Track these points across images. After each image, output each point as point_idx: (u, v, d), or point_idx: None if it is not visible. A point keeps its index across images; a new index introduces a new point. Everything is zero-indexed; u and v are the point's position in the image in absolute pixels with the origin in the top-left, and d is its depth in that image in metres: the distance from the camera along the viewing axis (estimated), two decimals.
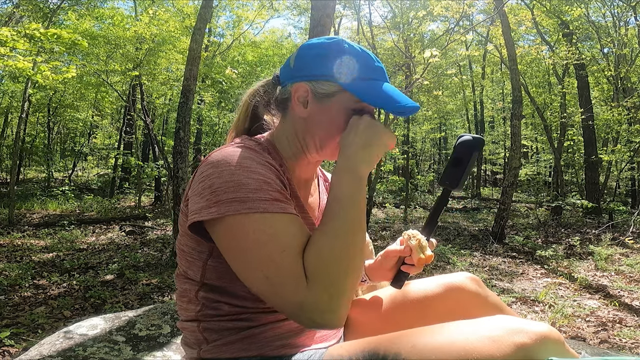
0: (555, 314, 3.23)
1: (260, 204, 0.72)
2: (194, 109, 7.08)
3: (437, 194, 15.82)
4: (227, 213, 0.72)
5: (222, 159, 0.76)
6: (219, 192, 0.73)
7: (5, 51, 5.00)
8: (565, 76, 11.14)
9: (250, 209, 0.72)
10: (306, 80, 0.85)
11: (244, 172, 0.74)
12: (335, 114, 0.84)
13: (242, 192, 0.72)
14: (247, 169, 0.75)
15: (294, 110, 0.87)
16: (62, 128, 17.71)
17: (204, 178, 0.76)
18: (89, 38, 8.99)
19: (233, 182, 0.73)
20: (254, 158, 0.78)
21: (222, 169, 0.75)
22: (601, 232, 6.94)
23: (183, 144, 4.76)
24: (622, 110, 8.82)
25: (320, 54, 0.85)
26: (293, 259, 0.71)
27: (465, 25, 10.00)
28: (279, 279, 0.70)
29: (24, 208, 9.02)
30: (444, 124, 19.27)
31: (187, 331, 0.89)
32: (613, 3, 9.85)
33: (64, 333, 1.57)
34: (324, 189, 1.07)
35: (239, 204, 0.72)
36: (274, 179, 0.77)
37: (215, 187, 0.74)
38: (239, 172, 0.74)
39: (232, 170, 0.74)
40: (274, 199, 0.74)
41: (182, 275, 0.90)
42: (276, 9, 13.75)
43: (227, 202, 0.72)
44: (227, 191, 0.73)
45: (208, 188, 0.74)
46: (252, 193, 0.73)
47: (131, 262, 4.83)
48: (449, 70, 10.76)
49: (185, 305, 0.89)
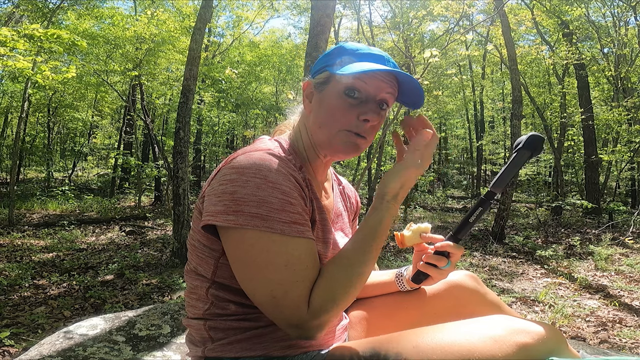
0: (555, 314, 3.23)
1: (280, 225, 0.74)
2: (194, 109, 7.08)
3: (437, 194, 15.80)
4: (246, 226, 0.73)
5: (250, 167, 0.76)
6: (241, 203, 0.74)
7: (5, 51, 5.00)
8: (565, 76, 11.14)
9: (270, 228, 0.73)
10: (310, 78, 0.92)
11: (270, 189, 0.75)
12: (329, 98, 0.86)
13: (264, 209, 0.73)
14: (273, 185, 0.75)
15: (305, 108, 0.92)
16: (62, 128, 17.71)
17: (226, 182, 0.76)
18: (89, 38, 9.00)
19: (257, 197, 0.74)
20: (281, 171, 0.78)
21: (247, 178, 0.75)
22: (601, 232, 6.94)
23: (183, 144, 4.76)
24: (622, 110, 8.82)
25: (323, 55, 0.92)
26: (302, 285, 0.74)
27: (465, 25, 10.00)
28: (284, 302, 0.74)
29: (24, 208, 9.02)
30: (444, 124, 19.28)
31: (193, 329, 0.89)
32: (613, 3, 9.86)
33: (64, 333, 1.57)
34: (337, 192, 1.07)
35: (260, 220, 0.73)
36: (296, 197, 0.78)
37: (238, 196, 0.74)
38: (265, 187, 0.74)
39: (259, 184, 0.74)
40: (293, 221, 0.75)
41: (193, 271, 0.89)
42: (276, 9, 13.75)
43: (248, 216, 0.73)
44: (249, 204, 0.73)
45: (230, 194, 0.75)
46: (274, 213, 0.74)
47: (131, 262, 4.83)
48: (449, 70, 10.77)
49: (194, 302, 0.89)
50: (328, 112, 0.85)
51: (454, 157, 21.85)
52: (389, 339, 0.74)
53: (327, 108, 0.86)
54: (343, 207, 1.06)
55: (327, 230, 0.89)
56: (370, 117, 0.84)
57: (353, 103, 0.84)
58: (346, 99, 0.84)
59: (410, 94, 0.89)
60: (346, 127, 0.85)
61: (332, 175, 1.07)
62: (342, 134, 0.85)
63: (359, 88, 0.84)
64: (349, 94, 0.84)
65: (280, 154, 0.82)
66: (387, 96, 0.87)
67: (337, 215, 1.01)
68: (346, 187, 1.12)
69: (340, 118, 0.84)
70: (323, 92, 0.87)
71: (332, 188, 1.04)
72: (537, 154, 0.94)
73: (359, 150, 0.87)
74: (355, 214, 1.13)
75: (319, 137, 0.88)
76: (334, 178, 1.09)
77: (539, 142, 0.92)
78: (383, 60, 0.87)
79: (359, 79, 0.83)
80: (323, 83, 0.88)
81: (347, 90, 0.84)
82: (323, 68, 0.88)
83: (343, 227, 1.02)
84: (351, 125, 0.84)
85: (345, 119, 0.84)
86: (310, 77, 0.92)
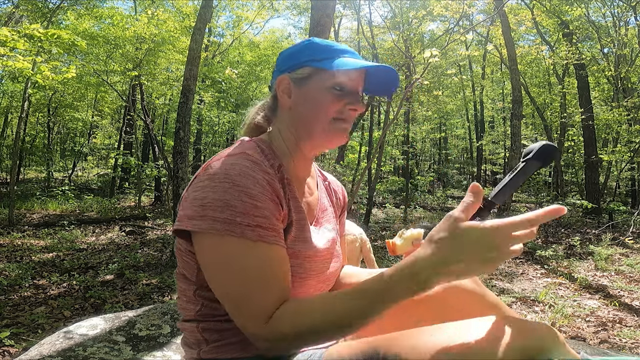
0: (555, 314, 3.23)
1: (242, 228, 0.74)
2: (194, 109, 7.08)
3: (437, 194, 15.78)
4: (208, 230, 0.74)
5: (221, 172, 0.77)
6: (207, 208, 0.75)
7: (5, 51, 5.00)
8: (565, 76, 11.15)
9: (230, 231, 0.74)
10: (286, 73, 0.92)
11: (236, 192, 0.75)
12: (315, 93, 0.89)
13: (227, 213, 0.74)
14: (241, 189, 0.76)
15: (282, 104, 0.94)
16: (62, 128, 17.72)
17: (199, 188, 0.78)
18: (89, 38, 9.00)
19: (223, 201, 0.75)
20: (250, 174, 0.78)
21: (216, 183, 0.76)
22: (601, 232, 6.94)
23: (183, 144, 4.76)
24: (622, 110, 8.83)
25: (293, 51, 0.94)
26: (260, 292, 0.74)
27: (465, 25, 10.00)
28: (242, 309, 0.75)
29: (24, 208, 9.02)
30: (444, 124, 19.28)
31: (187, 331, 0.89)
32: (613, 3, 9.86)
33: (64, 333, 1.57)
34: (323, 188, 1.07)
35: (222, 224, 0.74)
36: (265, 201, 0.77)
37: (206, 202, 0.76)
38: (232, 191, 0.75)
39: (226, 188, 0.75)
40: (257, 225, 0.75)
41: (181, 274, 0.90)
42: (276, 9, 13.76)
43: (211, 220, 0.74)
44: (215, 209, 0.74)
45: (200, 200, 0.76)
46: (237, 216, 0.74)
47: (131, 262, 4.83)
48: (449, 70, 10.76)
49: (184, 304, 0.90)
50: (316, 105, 0.89)
51: (454, 157, 21.85)
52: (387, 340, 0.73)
53: (314, 102, 0.89)
54: (329, 203, 1.06)
55: (305, 229, 0.89)
56: (357, 107, 0.90)
57: (339, 95, 0.89)
58: (334, 92, 0.88)
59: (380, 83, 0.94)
60: (336, 115, 0.89)
61: (316, 172, 1.08)
62: (333, 122, 0.89)
63: (345, 82, 0.89)
64: (337, 88, 0.88)
65: (255, 156, 0.83)
66: (361, 88, 0.93)
67: (322, 210, 1.01)
68: (332, 182, 1.13)
69: (331, 108, 0.88)
70: (306, 88, 0.89)
71: (317, 184, 1.05)
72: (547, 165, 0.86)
73: (346, 134, 0.93)
74: (342, 209, 1.14)
75: (309, 130, 0.90)
76: (319, 174, 1.10)
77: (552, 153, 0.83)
78: (358, 56, 0.92)
79: (346, 74, 0.88)
80: (305, 78, 0.90)
81: (336, 85, 0.88)
82: (303, 63, 0.90)
83: (329, 221, 1.02)
84: (339, 112, 0.89)
85: (335, 108, 0.88)
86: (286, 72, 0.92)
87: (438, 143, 21.14)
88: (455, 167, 20.75)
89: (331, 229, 1.02)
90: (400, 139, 13.89)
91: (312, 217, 0.97)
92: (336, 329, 0.74)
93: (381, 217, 9.67)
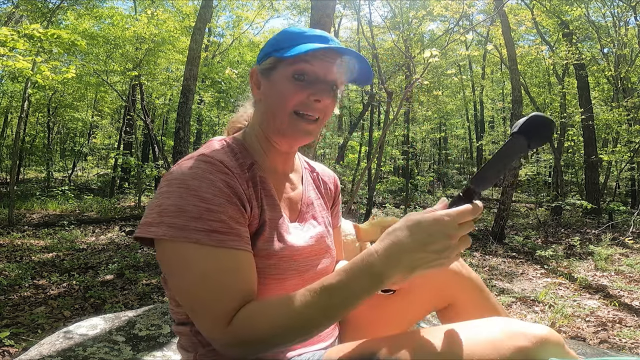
0: (555, 314, 3.23)
1: (196, 234, 0.72)
2: (193, 109, 7.08)
3: (437, 194, 15.79)
4: (163, 236, 0.73)
5: (176, 177, 0.76)
6: (163, 214, 0.74)
7: (5, 51, 5.00)
8: (565, 76, 11.15)
9: (185, 237, 0.72)
10: (257, 65, 0.90)
11: (190, 197, 0.73)
12: (278, 82, 0.84)
13: (182, 219, 0.72)
14: (195, 193, 0.74)
15: (253, 98, 0.92)
16: (62, 128, 17.71)
17: (158, 194, 0.77)
18: (88, 38, 9.01)
19: (177, 206, 0.73)
20: (206, 177, 0.75)
21: (172, 189, 0.75)
22: (601, 232, 6.94)
23: (183, 144, 4.76)
24: (622, 111, 8.82)
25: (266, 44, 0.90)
26: (219, 297, 0.72)
27: (465, 25, 10.00)
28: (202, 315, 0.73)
29: (23, 208, 9.02)
30: (444, 124, 19.26)
31: (182, 335, 0.88)
32: (613, 3, 9.86)
33: (64, 333, 1.57)
34: (309, 179, 1.03)
35: (177, 230, 0.72)
36: (222, 204, 0.75)
37: (162, 207, 0.74)
38: (186, 196, 0.73)
39: (180, 193, 0.74)
40: (213, 230, 0.73)
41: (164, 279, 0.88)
42: (276, 9, 13.76)
43: (167, 226, 0.73)
44: (170, 214, 0.73)
45: (157, 206, 0.75)
46: (191, 222, 0.72)
47: (131, 262, 4.83)
48: (448, 70, 10.76)
49: (175, 308, 0.88)
50: (278, 96, 0.84)
51: (454, 157, 21.84)
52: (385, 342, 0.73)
53: (277, 93, 0.84)
54: (316, 195, 1.02)
55: (281, 228, 0.86)
56: (321, 97, 0.83)
57: (303, 85, 0.83)
58: (295, 82, 0.82)
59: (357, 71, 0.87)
60: (297, 107, 0.83)
61: (302, 164, 1.04)
62: (293, 119, 0.84)
63: (306, 70, 0.83)
64: (296, 76, 0.82)
65: (214, 157, 0.79)
66: (336, 77, 0.85)
67: (307, 204, 0.97)
68: (320, 173, 1.08)
69: (290, 99, 0.83)
70: (270, 78, 0.85)
71: (302, 178, 1.01)
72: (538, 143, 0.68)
73: (311, 135, 0.86)
74: (333, 199, 1.09)
75: (271, 124, 0.87)
76: (305, 166, 1.05)
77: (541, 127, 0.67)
78: (326, 40, 0.85)
79: (306, 60, 0.82)
80: (270, 69, 0.86)
81: (295, 73, 0.82)
82: (268, 54, 0.86)
83: (315, 216, 0.98)
84: (302, 104, 0.83)
85: (295, 100, 0.83)
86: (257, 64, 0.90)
87: (438, 143, 21.13)
88: (455, 167, 20.73)
89: (318, 223, 0.97)
90: (400, 139, 13.88)
91: (295, 213, 0.94)
92: (299, 328, 0.70)
93: (381, 217, 9.65)
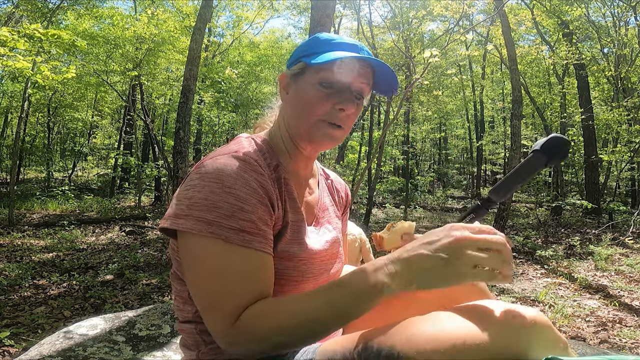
0: (555, 314, 3.23)
1: (226, 231, 0.72)
2: (194, 109, 7.08)
3: (437, 194, 15.78)
4: (192, 230, 0.73)
5: (211, 172, 0.76)
6: (193, 207, 0.74)
7: (5, 51, 5.00)
8: (565, 76, 11.15)
9: (213, 233, 0.72)
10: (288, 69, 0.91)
11: (223, 194, 0.74)
12: (305, 88, 0.86)
13: (212, 214, 0.73)
14: (229, 190, 0.74)
15: (282, 101, 0.92)
16: (62, 128, 17.72)
17: (189, 187, 0.77)
18: (88, 38, 9.01)
19: (209, 201, 0.73)
20: (241, 175, 0.76)
21: (205, 183, 0.75)
22: (601, 232, 6.94)
23: (183, 144, 4.76)
24: (622, 111, 8.83)
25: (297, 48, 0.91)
26: (235, 293, 0.73)
27: (465, 25, 10.00)
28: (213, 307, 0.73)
29: (24, 208, 9.02)
30: (444, 124, 19.28)
31: (185, 333, 0.88)
32: (613, 3, 9.86)
33: (64, 333, 1.57)
34: (324, 186, 1.06)
35: (206, 225, 0.72)
36: (254, 204, 0.76)
37: (193, 201, 0.74)
38: (219, 192, 0.74)
39: (213, 188, 0.74)
40: (242, 229, 0.73)
41: (175, 274, 0.89)
42: (276, 9, 13.77)
43: (195, 220, 0.73)
44: (201, 209, 0.73)
45: (187, 199, 0.75)
46: (222, 218, 0.72)
47: (131, 262, 4.83)
48: (449, 70, 10.76)
49: (181, 306, 0.88)
50: (304, 102, 0.85)
51: (454, 157, 21.86)
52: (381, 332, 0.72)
53: (303, 99, 0.86)
54: (330, 202, 1.05)
55: (302, 231, 0.87)
56: (345, 106, 0.84)
57: (328, 93, 0.84)
58: (321, 89, 0.84)
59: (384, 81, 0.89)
60: (322, 117, 0.85)
61: (318, 170, 1.06)
62: (319, 124, 0.85)
63: (333, 78, 0.84)
64: (323, 84, 0.84)
65: (248, 156, 0.81)
66: (362, 86, 0.87)
67: (322, 210, 0.99)
68: (334, 180, 1.11)
69: (317, 108, 0.84)
70: (298, 83, 0.87)
71: (318, 183, 1.03)
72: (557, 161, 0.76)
73: (336, 141, 0.88)
74: (344, 207, 1.12)
75: (297, 128, 0.88)
76: (321, 172, 1.08)
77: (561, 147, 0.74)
78: (356, 49, 0.86)
79: (334, 69, 0.83)
80: (299, 74, 0.87)
81: (322, 81, 0.84)
82: (298, 59, 0.88)
83: (330, 221, 1.00)
84: (327, 114, 0.84)
85: (321, 108, 0.84)
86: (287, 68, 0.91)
87: (438, 143, 21.15)
88: (455, 167, 20.77)
89: (332, 228, 0.99)
90: (400, 139, 13.89)
91: (312, 216, 0.95)
92: (306, 330, 0.71)
93: (381, 217, 9.67)
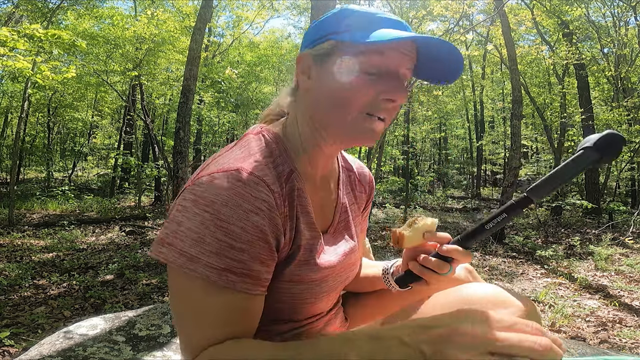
0: (555, 314, 3.23)
1: (207, 270, 0.63)
2: (194, 109, 7.08)
3: (437, 194, 15.79)
4: (172, 263, 0.65)
5: (207, 196, 0.65)
6: (178, 236, 0.65)
7: (5, 51, 5.01)
8: (565, 76, 11.14)
9: (193, 271, 0.63)
10: (308, 49, 0.75)
11: (214, 227, 0.63)
12: (336, 74, 0.70)
13: (196, 249, 0.63)
14: (220, 224, 0.64)
15: (301, 87, 0.76)
16: (62, 128, 17.72)
17: (181, 208, 0.66)
18: (88, 38, 9.01)
19: (197, 234, 0.64)
20: (241, 204, 0.64)
21: (198, 210, 0.64)
22: (601, 232, 6.94)
23: (183, 144, 4.76)
24: (622, 111, 8.83)
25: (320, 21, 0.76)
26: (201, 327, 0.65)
27: (465, 25, 10.00)
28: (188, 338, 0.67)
29: (24, 208, 9.02)
30: (444, 124, 19.28)
31: None
32: (613, 3, 9.86)
33: (64, 333, 1.57)
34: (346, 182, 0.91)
35: (187, 260, 0.64)
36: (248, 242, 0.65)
37: (181, 228, 0.65)
38: (209, 224, 0.64)
39: (204, 219, 0.64)
40: (226, 268, 0.63)
41: None
42: (276, 9, 13.78)
43: (177, 252, 0.64)
44: (185, 240, 0.64)
45: (177, 224, 0.66)
46: (206, 255, 0.63)
47: (131, 262, 4.83)
48: None
49: None
50: (339, 90, 0.69)
51: (454, 157, 21.85)
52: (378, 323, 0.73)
53: (337, 85, 0.69)
54: (351, 199, 0.92)
55: (315, 249, 0.77)
56: (396, 97, 0.69)
57: (370, 79, 0.68)
58: (362, 76, 0.68)
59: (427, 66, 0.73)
60: (365, 109, 0.69)
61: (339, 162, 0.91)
62: (361, 117, 0.70)
63: (378, 62, 0.68)
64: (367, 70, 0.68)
65: (254, 173, 0.67)
66: (407, 72, 0.72)
67: (341, 212, 0.88)
68: (358, 172, 0.95)
69: (359, 97, 0.69)
70: (327, 66, 0.71)
71: (339, 179, 0.89)
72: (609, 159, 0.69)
73: (377, 137, 0.73)
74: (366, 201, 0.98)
75: (328, 122, 0.72)
76: (342, 163, 0.92)
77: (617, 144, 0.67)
78: (403, 27, 0.70)
79: (379, 51, 0.68)
80: (327, 54, 0.71)
81: (367, 65, 0.68)
82: (326, 36, 0.72)
83: (349, 225, 0.90)
84: (369, 105, 0.69)
85: (362, 99, 0.69)
86: (307, 48, 0.74)
87: (438, 143, 21.14)
88: (455, 167, 20.75)
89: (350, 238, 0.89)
90: (400, 139, 13.90)
91: (327, 221, 0.85)
92: None
93: (381, 217, 9.67)
